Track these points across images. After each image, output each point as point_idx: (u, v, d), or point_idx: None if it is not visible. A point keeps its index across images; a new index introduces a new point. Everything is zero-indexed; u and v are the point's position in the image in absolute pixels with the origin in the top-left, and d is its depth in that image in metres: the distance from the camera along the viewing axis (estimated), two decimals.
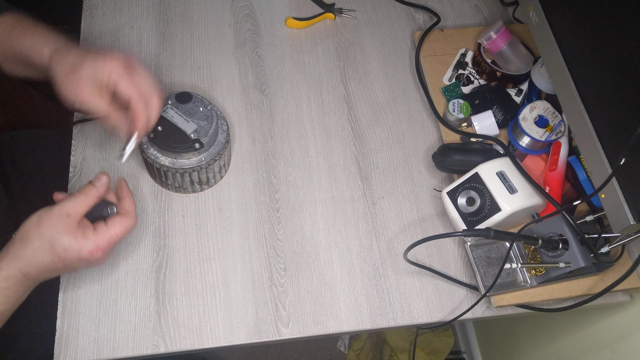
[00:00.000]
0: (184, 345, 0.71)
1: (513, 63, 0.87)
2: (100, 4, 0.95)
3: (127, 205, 0.65)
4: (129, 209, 0.64)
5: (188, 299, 0.73)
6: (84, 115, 0.84)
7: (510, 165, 0.76)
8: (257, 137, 0.86)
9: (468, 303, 0.76)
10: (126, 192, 0.66)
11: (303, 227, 0.80)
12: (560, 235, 0.71)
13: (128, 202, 0.65)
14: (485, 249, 0.75)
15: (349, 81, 0.93)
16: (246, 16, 0.97)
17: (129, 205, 0.65)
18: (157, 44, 0.92)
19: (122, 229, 0.62)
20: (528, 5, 0.79)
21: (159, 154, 0.74)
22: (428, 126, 0.90)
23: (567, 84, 0.71)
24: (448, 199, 0.77)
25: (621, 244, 0.71)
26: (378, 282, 0.77)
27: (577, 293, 0.75)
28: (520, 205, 0.72)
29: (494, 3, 1.04)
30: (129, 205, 0.65)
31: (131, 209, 0.64)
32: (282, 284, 0.76)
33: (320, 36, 0.97)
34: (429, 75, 0.92)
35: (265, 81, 0.91)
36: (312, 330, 0.73)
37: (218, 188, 0.81)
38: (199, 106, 0.75)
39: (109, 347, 0.70)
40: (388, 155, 0.87)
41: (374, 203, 0.83)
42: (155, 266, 0.75)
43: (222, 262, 0.76)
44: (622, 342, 0.84)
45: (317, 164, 0.85)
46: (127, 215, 0.64)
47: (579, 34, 0.70)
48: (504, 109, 0.86)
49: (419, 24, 1.00)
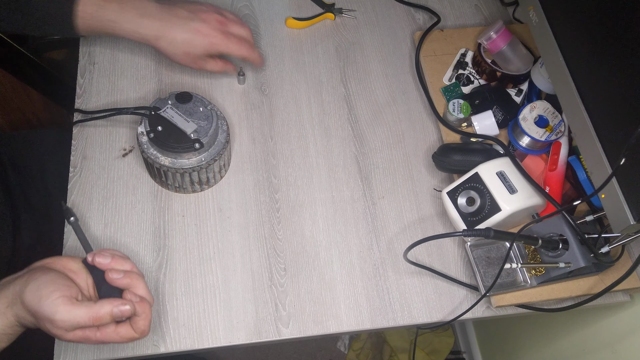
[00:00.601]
0: (184, 345, 0.71)
1: (513, 63, 0.87)
2: None
3: (141, 323, 0.59)
4: (141, 327, 0.59)
5: (188, 299, 0.73)
6: (84, 115, 0.84)
7: (510, 165, 0.76)
8: (257, 137, 0.86)
9: (468, 303, 0.76)
10: (147, 307, 0.60)
11: (303, 227, 0.80)
12: (560, 235, 0.71)
13: (143, 321, 0.59)
14: (485, 249, 0.75)
15: (349, 81, 0.93)
16: (246, 16, 0.97)
17: (143, 323, 0.59)
18: None
19: (124, 338, 0.59)
20: (528, 5, 0.79)
21: (159, 154, 0.74)
22: (428, 126, 0.90)
23: (567, 84, 0.71)
24: (448, 199, 0.77)
25: (621, 244, 0.71)
26: (378, 282, 0.77)
27: (577, 293, 0.75)
28: (520, 205, 0.72)
29: (494, 3, 1.04)
30: (143, 323, 0.59)
31: (144, 328, 0.59)
32: (282, 284, 0.76)
33: (320, 36, 0.97)
34: (429, 75, 0.92)
35: (265, 81, 0.91)
36: (312, 330, 0.73)
37: (218, 188, 0.81)
38: (199, 106, 0.75)
39: (109, 347, 0.70)
40: (388, 155, 0.87)
41: (374, 203, 0.83)
42: (155, 266, 0.75)
43: (222, 262, 0.76)
44: (622, 342, 0.84)
45: (317, 164, 0.85)
46: (136, 329, 0.59)
47: (579, 34, 0.70)
48: (504, 109, 0.86)
49: (419, 24, 1.00)
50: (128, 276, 0.60)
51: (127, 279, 0.60)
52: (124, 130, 0.84)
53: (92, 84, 0.87)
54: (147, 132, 0.73)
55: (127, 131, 0.84)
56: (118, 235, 0.76)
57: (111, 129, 0.84)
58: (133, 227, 0.77)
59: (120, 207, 0.78)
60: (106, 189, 0.79)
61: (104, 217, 0.77)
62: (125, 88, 0.88)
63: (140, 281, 0.61)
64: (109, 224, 0.77)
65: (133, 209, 0.78)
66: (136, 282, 0.60)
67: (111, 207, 0.78)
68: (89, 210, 0.78)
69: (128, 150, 0.83)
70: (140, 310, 0.58)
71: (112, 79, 0.88)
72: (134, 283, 0.60)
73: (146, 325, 0.59)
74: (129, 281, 0.60)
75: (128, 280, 0.60)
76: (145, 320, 0.59)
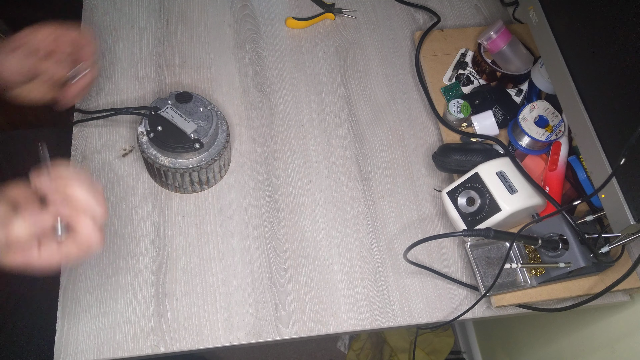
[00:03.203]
0: (184, 345, 0.71)
1: (513, 63, 0.87)
2: (100, 3, 0.95)
3: (79, 227, 0.51)
4: (82, 231, 0.51)
5: (188, 299, 0.73)
6: (84, 115, 0.84)
7: (510, 165, 0.76)
8: (257, 137, 0.86)
9: (468, 303, 0.76)
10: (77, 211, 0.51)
11: (303, 227, 0.80)
12: (560, 235, 0.71)
13: (79, 225, 0.51)
14: (485, 249, 0.75)
15: (349, 81, 0.93)
16: (246, 16, 0.97)
17: (81, 227, 0.51)
18: (157, 44, 0.92)
19: (77, 251, 0.52)
20: (528, 5, 0.79)
21: (159, 154, 0.74)
22: (428, 126, 0.90)
23: (567, 84, 0.71)
24: (448, 199, 0.77)
25: (621, 244, 0.71)
26: (378, 282, 0.77)
27: (577, 293, 0.75)
28: (520, 205, 0.72)
29: (494, 3, 1.04)
30: (81, 227, 0.51)
31: (84, 230, 0.51)
32: (282, 284, 0.76)
33: (320, 36, 0.97)
34: (429, 75, 0.92)
35: (265, 81, 0.91)
36: (312, 330, 0.73)
37: (218, 188, 0.81)
38: (199, 106, 0.75)
39: (109, 347, 0.70)
40: (388, 155, 0.87)
41: (374, 203, 0.83)
42: (155, 266, 0.75)
43: (222, 262, 0.76)
44: (622, 342, 0.84)
45: (317, 164, 0.85)
46: (80, 237, 0.51)
47: (579, 34, 0.70)
48: (504, 109, 0.86)
49: (419, 24, 1.00)
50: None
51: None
52: (124, 130, 0.84)
53: (92, 83, 0.87)
54: (147, 132, 0.73)
55: (127, 131, 0.84)
56: (118, 235, 0.76)
57: (111, 129, 0.84)
58: (133, 227, 0.77)
59: (120, 207, 0.78)
60: (106, 189, 0.79)
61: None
62: (125, 88, 0.88)
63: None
64: (109, 224, 0.77)
65: (133, 209, 0.78)
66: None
67: (111, 207, 0.78)
68: None
69: (128, 150, 0.83)
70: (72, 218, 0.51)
71: (112, 79, 0.88)
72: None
73: (85, 227, 0.51)
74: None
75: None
76: (82, 224, 0.51)
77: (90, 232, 0.52)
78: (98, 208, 0.52)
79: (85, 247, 0.52)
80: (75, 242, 0.52)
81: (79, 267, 0.74)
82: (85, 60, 0.72)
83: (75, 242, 0.52)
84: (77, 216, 0.51)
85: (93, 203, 0.52)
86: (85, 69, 0.72)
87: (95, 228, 0.52)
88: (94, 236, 0.52)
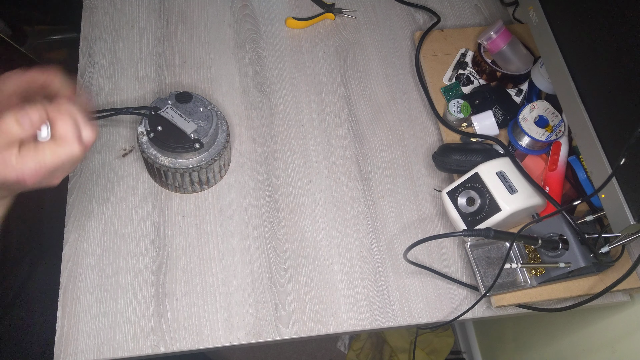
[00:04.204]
0: (184, 345, 0.71)
1: (513, 63, 0.87)
2: (100, 4, 0.95)
3: (61, 128, 0.50)
4: (62, 133, 0.51)
5: (188, 299, 0.73)
6: None
7: (510, 165, 0.76)
8: (257, 137, 0.86)
9: (468, 303, 0.76)
10: (62, 112, 0.51)
11: (303, 227, 0.80)
12: (560, 235, 0.71)
13: (61, 125, 0.50)
14: (485, 249, 0.75)
15: (349, 81, 0.93)
16: (246, 16, 0.97)
17: (63, 128, 0.50)
18: (157, 44, 0.92)
19: (53, 157, 0.50)
20: (528, 5, 0.79)
21: (159, 154, 0.74)
22: (428, 126, 0.90)
23: (567, 84, 0.71)
24: (448, 199, 0.77)
25: (621, 244, 0.71)
26: (378, 282, 0.77)
27: (577, 293, 0.75)
28: (520, 205, 0.72)
29: (494, 3, 1.04)
30: (63, 128, 0.50)
31: (65, 133, 0.51)
32: (282, 284, 0.76)
33: (320, 36, 0.97)
34: (429, 75, 0.92)
35: (265, 81, 0.91)
36: (312, 330, 0.73)
37: (218, 188, 0.81)
38: (199, 106, 0.75)
39: (109, 347, 0.70)
40: (388, 155, 0.87)
41: (374, 203, 0.83)
42: (155, 266, 0.75)
43: (222, 262, 0.76)
44: (622, 342, 0.84)
45: (317, 164, 0.85)
46: (60, 141, 0.51)
47: (579, 34, 0.70)
48: (504, 109, 0.86)
49: (419, 24, 1.00)
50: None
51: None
52: (124, 130, 0.84)
53: (92, 84, 0.87)
54: (147, 132, 0.73)
55: (127, 131, 0.84)
56: (118, 235, 0.76)
57: (111, 129, 0.84)
58: (133, 227, 0.77)
59: (120, 207, 0.78)
60: (106, 189, 0.79)
61: (104, 217, 0.77)
62: (125, 88, 0.88)
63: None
64: (109, 224, 0.77)
65: (133, 209, 0.78)
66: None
67: (111, 207, 0.78)
68: (89, 210, 0.78)
69: (128, 150, 0.83)
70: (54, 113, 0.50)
71: (112, 79, 0.88)
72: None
73: (67, 129, 0.50)
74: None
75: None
76: (64, 124, 0.50)
77: (74, 141, 0.50)
78: (87, 122, 0.52)
79: (65, 154, 0.50)
80: (56, 147, 0.50)
81: (78, 267, 0.74)
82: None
83: (56, 146, 0.50)
84: (64, 120, 0.50)
85: (83, 115, 0.51)
86: None
87: (79, 139, 0.51)
88: (75, 146, 0.50)
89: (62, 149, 0.50)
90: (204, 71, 0.91)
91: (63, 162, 0.51)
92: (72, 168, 0.54)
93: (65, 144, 0.50)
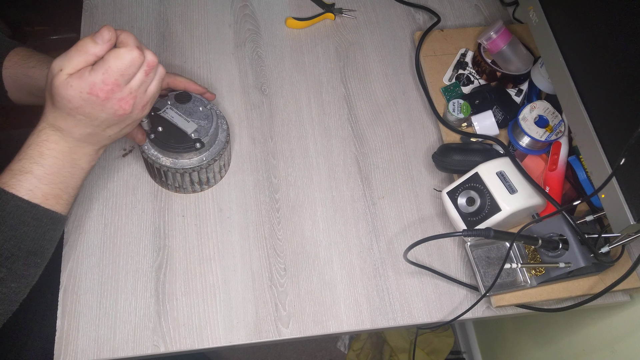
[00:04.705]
0: (184, 345, 0.71)
1: (513, 63, 0.87)
2: (100, 4, 0.95)
3: (122, 36, 0.58)
4: (123, 39, 0.58)
5: (188, 299, 0.73)
6: None
7: (510, 165, 0.76)
8: (257, 137, 0.86)
9: (468, 303, 0.76)
10: (121, 31, 0.59)
11: (303, 227, 0.80)
12: (560, 235, 0.71)
13: (124, 36, 0.58)
14: (485, 249, 0.75)
15: (349, 81, 0.93)
16: (246, 16, 0.97)
17: (124, 35, 0.58)
18: (157, 44, 0.92)
19: (118, 61, 0.56)
20: (528, 5, 0.79)
21: (159, 154, 0.74)
22: (428, 126, 0.90)
23: (567, 84, 0.71)
24: (448, 199, 0.77)
25: (621, 244, 0.71)
26: (378, 282, 0.77)
27: (577, 293, 0.75)
28: (520, 205, 0.72)
29: (494, 3, 1.04)
30: (124, 35, 0.58)
31: (127, 40, 0.58)
32: (282, 284, 0.76)
33: (320, 36, 0.97)
34: (429, 75, 0.92)
35: (265, 81, 0.91)
36: (312, 330, 0.73)
37: (218, 188, 0.81)
38: (198, 106, 0.75)
39: (109, 347, 0.70)
40: (388, 155, 0.87)
41: (374, 203, 0.83)
42: (155, 266, 0.75)
43: (222, 262, 0.76)
44: (622, 342, 0.84)
45: (317, 164, 0.85)
46: (121, 44, 0.58)
47: (579, 34, 0.70)
48: (504, 109, 0.86)
49: (419, 24, 1.00)
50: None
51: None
52: None
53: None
54: (147, 132, 0.73)
55: None
56: (118, 235, 0.76)
57: None
58: (133, 227, 0.77)
59: (120, 207, 0.78)
60: (106, 189, 0.79)
61: (104, 217, 0.77)
62: None
63: None
64: (109, 224, 0.77)
65: (133, 209, 0.78)
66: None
67: (111, 207, 0.78)
68: (89, 210, 0.78)
69: (128, 150, 0.83)
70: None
71: None
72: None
73: (128, 37, 0.58)
74: None
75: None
76: (127, 35, 0.58)
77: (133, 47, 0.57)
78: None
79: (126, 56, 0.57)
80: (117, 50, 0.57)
81: (78, 267, 0.74)
82: None
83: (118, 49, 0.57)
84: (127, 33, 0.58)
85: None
86: None
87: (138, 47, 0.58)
88: (135, 51, 0.57)
89: (123, 50, 0.56)
90: (204, 71, 0.91)
91: (126, 67, 0.57)
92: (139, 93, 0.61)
93: (126, 47, 0.57)
